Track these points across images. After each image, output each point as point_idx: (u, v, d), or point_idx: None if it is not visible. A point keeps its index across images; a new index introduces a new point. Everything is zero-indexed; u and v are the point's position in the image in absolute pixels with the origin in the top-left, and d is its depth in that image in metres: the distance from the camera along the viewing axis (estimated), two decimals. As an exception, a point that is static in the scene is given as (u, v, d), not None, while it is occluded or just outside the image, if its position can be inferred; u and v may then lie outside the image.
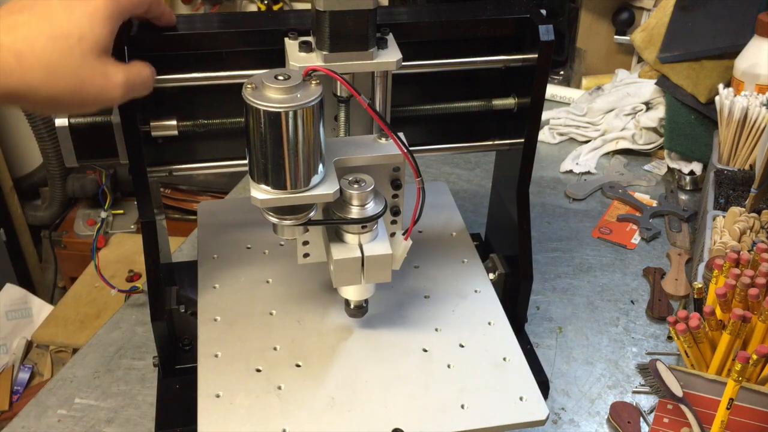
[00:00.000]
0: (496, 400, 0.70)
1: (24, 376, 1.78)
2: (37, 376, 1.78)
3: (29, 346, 1.83)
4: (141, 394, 0.88)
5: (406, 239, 0.72)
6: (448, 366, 0.73)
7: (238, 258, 0.87)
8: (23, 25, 0.54)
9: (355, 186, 0.69)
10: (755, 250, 0.82)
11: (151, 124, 0.75)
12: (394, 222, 0.78)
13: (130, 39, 0.69)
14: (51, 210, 2.32)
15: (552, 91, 1.54)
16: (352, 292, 0.73)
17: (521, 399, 0.70)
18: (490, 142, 0.86)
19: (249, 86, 0.61)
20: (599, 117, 1.42)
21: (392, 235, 0.72)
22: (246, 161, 0.65)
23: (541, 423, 0.69)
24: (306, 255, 0.77)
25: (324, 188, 0.65)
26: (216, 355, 0.74)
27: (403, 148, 0.69)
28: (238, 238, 0.89)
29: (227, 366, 0.73)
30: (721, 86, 1.19)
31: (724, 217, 1.01)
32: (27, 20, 0.55)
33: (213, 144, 0.81)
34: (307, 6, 0.69)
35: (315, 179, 0.65)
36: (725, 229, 0.98)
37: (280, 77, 0.61)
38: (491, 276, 0.87)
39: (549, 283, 1.08)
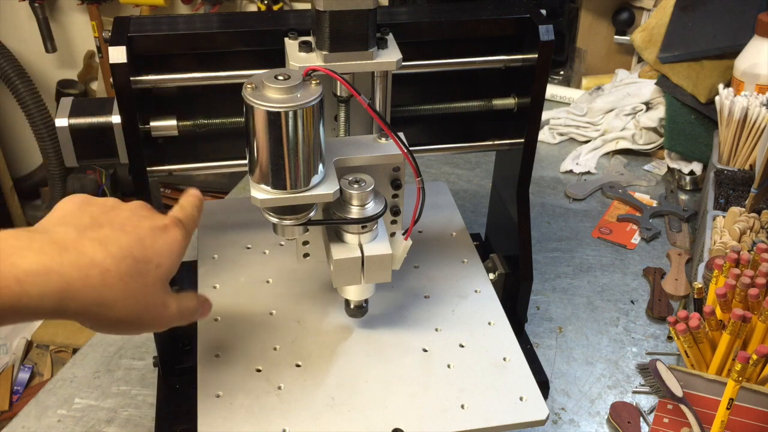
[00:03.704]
0: (496, 400, 0.70)
1: (24, 376, 1.78)
2: (37, 376, 1.79)
3: (29, 346, 1.83)
4: (141, 394, 0.88)
5: (406, 239, 0.72)
6: (448, 366, 0.73)
7: (238, 258, 0.87)
8: (113, 243, 0.53)
9: (355, 186, 0.69)
10: (755, 250, 0.82)
11: (151, 124, 0.75)
12: (394, 222, 0.78)
13: (129, 39, 0.69)
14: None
15: (552, 91, 1.54)
16: (352, 292, 0.73)
17: (521, 399, 0.70)
18: (490, 142, 0.87)
19: (249, 86, 0.61)
20: (599, 117, 1.42)
21: (392, 235, 0.72)
22: (246, 161, 0.65)
23: (541, 423, 0.69)
24: (306, 255, 0.77)
25: (324, 188, 0.65)
26: (216, 355, 0.74)
27: (403, 148, 0.69)
28: (238, 238, 0.89)
29: (227, 366, 0.73)
30: (721, 86, 1.19)
31: (724, 217, 1.01)
32: (117, 237, 0.54)
33: (213, 144, 0.81)
34: (307, 6, 0.70)
35: (315, 179, 0.65)
36: (725, 229, 0.98)
37: (280, 77, 0.61)
38: (491, 276, 0.87)
39: (549, 283, 1.08)
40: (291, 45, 0.70)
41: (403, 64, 0.71)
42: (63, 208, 0.56)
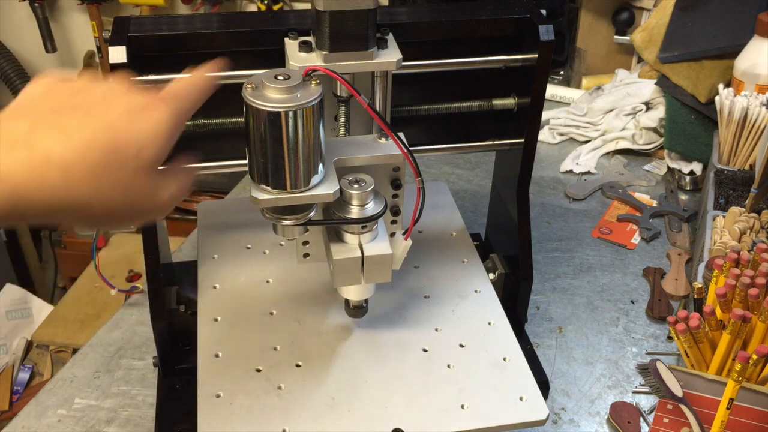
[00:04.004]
0: (496, 400, 0.70)
1: (24, 376, 1.77)
2: (37, 376, 1.78)
3: (29, 346, 1.83)
4: (141, 394, 0.88)
5: (406, 239, 0.72)
6: (448, 366, 0.73)
7: (238, 258, 0.87)
8: (76, 131, 0.46)
9: (355, 186, 0.69)
10: (755, 250, 0.82)
11: (151, 124, 0.75)
12: (394, 222, 0.78)
13: (129, 39, 0.69)
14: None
15: (552, 91, 1.54)
16: (352, 292, 0.73)
17: (521, 399, 0.70)
18: (490, 142, 0.86)
19: (249, 86, 0.61)
20: (599, 117, 1.42)
21: (392, 235, 0.72)
22: (246, 161, 0.65)
23: (541, 423, 0.69)
24: (306, 255, 0.77)
25: (324, 188, 0.65)
26: (216, 355, 0.74)
27: (403, 148, 0.69)
28: (238, 238, 0.89)
29: (227, 366, 0.73)
30: (721, 86, 1.19)
31: (724, 217, 1.01)
32: (81, 125, 0.47)
33: (213, 144, 0.81)
34: (307, 6, 0.70)
35: (315, 179, 0.65)
36: (725, 229, 0.98)
37: (280, 77, 0.61)
38: (491, 276, 0.87)
39: (549, 283, 1.08)
40: (291, 45, 0.70)
41: (403, 64, 0.71)
42: (26, 94, 0.49)
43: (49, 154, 0.44)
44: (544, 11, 0.78)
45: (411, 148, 0.69)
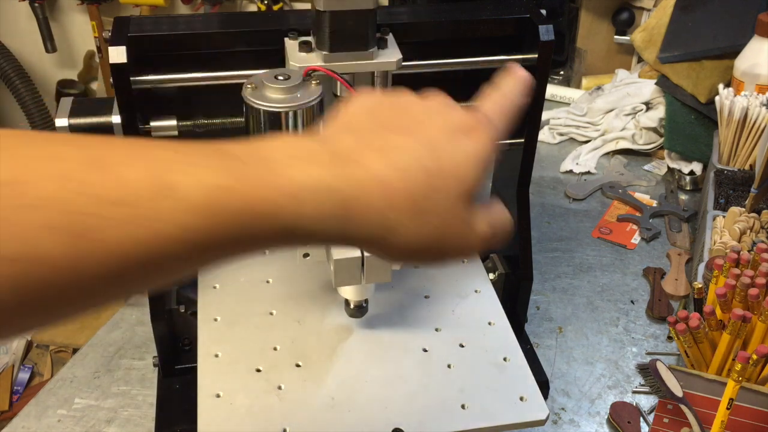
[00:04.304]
0: (496, 400, 0.70)
1: (24, 376, 1.77)
2: (37, 376, 1.78)
3: (29, 346, 1.83)
4: (141, 394, 0.88)
5: (406, 239, 0.71)
6: (448, 366, 0.73)
7: (238, 258, 0.86)
8: (399, 151, 0.42)
9: (355, 186, 0.68)
10: (755, 250, 0.82)
11: (151, 124, 0.75)
12: (394, 222, 0.78)
13: (129, 39, 0.69)
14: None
15: (552, 91, 1.54)
16: (352, 292, 0.73)
17: (521, 399, 0.70)
18: (490, 142, 0.86)
19: (249, 86, 0.61)
20: (599, 117, 1.42)
21: (392, 235, 0.72)
22: (246, 161, 0.65)
23: (541, 423, 0.69)
24: (306, 255, 0.77)
25: (324, 188, 0.65)
26: (216, 355, 0.74)
27: (403, 148, 0.69)
28: (238, 238, 0.89)
29: (227, 366, 0.73)
30: (721, 86, 1.19)
31: (724, 217, 1.01)
32: (403, 144, 0.43)
33: (213, 144, 0.81)
34: (307, 6, 0.70)
35: (315, 179, 0.65)
36: (725, 229, 0.98)
37: (280, 77, 0.61)
38: (491, 276, 0.87)
39: (549, 283, 1.08)
40: (291, 45, 0.70)
41: (403, 64, 0.71)
42: (349, 111, 0.46)
43: (375, 173, 0.41)
44: (544, 11, 0.78)
45: (411, 148, 0.69)
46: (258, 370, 0.72)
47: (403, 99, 0.47)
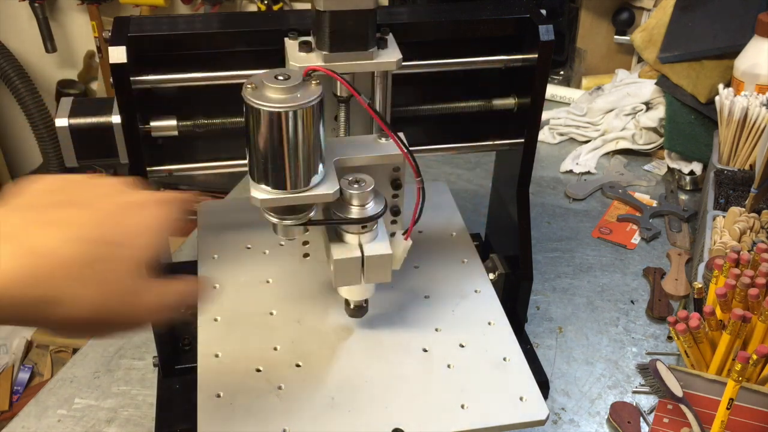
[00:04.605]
0: (496, 400, 0.70)
1: (24, 376, 1.77)
2: (37, 376, 1.78)
3: (29, 346, 1.83)
4: (141, 394, 0.88)
5: (406, 239, 0.72)
6: (448, 366, 0.73)
7: (238, 258, 0.87)
8: (69, 225, 0.45)
9: (355, 186, 0.69)
10: (755, 250, 0.82)
11: (151, 124, 0.75)
12: (394, 222, 0.78)
13: (129, 39, 0.69)
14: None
15: (552, 91, 1.54)
16: (352, 292, 0.73)
17: (521, 399, 0.70)
18: (490, 142, 0.86)
19: (249, 86, 0.61)
20: (599, 117, 1.42)
21: (392, 235, 0.72)
22: (246, 161, 0.65)
23: (541, 423, 0.69)
24: (306, 255, 0.77)
25: (324, 188, 0.65)
26: (216, 355, 0.74)
27: (403, 148, 0.69)
28: (238, 238, 0.89)
29: (227, 366, 0.73)
30: (721, 86, 1.19)
31: (724, 217, 1.01)
32: (75, 217, 0.46)
33: (213, 144, 0.81)
34: (307, 6, 0.70)
35: (315, 179, 0.65)
36: (725, 229, 0.98)
37: (280, 77, 0.61)
38: (491, 276, 0.87)
39: (549, 283, 1.08)
40: (291, 45, 0.70)
41: (403, 64, 0.71)
42: (26, 191, 0.48)
43: (43, 248, 0.43)
44: (544, 11, 0.78)
45: (411, 148, 0.69)
46: (258, 370, 0.72)
47: (80, 178, 0.50)
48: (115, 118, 0.72)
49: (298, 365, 0.73)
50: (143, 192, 0.51)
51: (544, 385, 0.83)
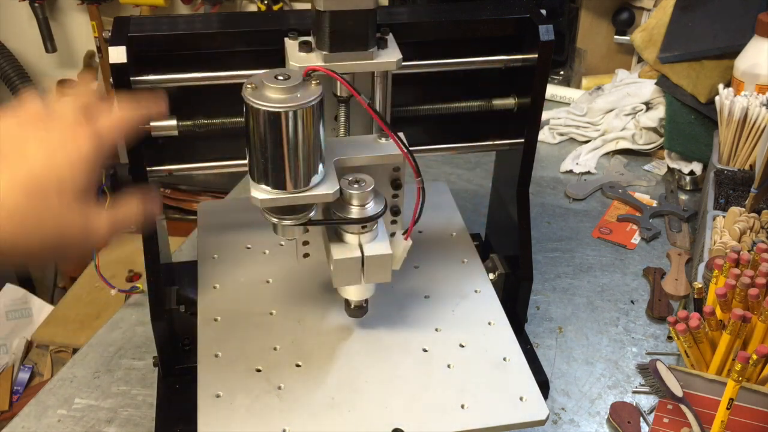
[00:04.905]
0: (496, 400, 0.70)
1: (24, 376, 1.77)
2: (37, 376, 1.78)
3: (29, 346, 1.83)
4: (141, 394, 0.88)
5: (406, 239, 0.72)
6: (448, 366, 0.73)
7: (238, 258, 0.87)
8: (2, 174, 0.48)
9: (355, 186, 0.69)
10: (755, 250, 0.82)
11: (151, 124, 0.75)
12: (394, 222, 0.78)
13: (130, 39, 0.69)
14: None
15: (552, 91, 1.54)
16: (352, 292, 0.73)
17: (521, 399, 0.70)
18: (490, 142, 0.86)
19: (249, 86, 0.61)
20: (599, 117, 1.42)
21: (392, 235, 0.72)
22: (246, 161, 0.65)
23: (541, 423, 0.69)
24: (306, 255, 0.77)
25: (324, 188, 0.65)
26: (216, 355, 0.74)
27: (403, 148, 0.69)
28: (238, 238, 0.89)
29: (227, 366, 0.73)
30: (721, 86, 1.19)
31: (724, 217, 1.01)
32: (5, 168, 0.48)
33: (213, 144, 0.81)
34: (307, 6, 0.70)
35: (315, 179, 0.65)
36: (725, 229, 0.98)
37: (280, 77, 0.61)
38: (491, 276, 0.87)
39: (549, 283, 1.08)
40: (291, 45, 0.70)
41: (403, 64, 0.71)
42: None
43: None
44: (544, 11, 0.78)
45: (411, 148, 0.69)
46: (258, 370, 0.72)
47: (9, 125, 0.51)
48: (115, 118, 0.72)
49: (298, 365, 0.73)
50: (63, 126, 0.52)
51: (544, 385, 0.83)
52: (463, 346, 0.76)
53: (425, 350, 0.75)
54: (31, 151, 0.49)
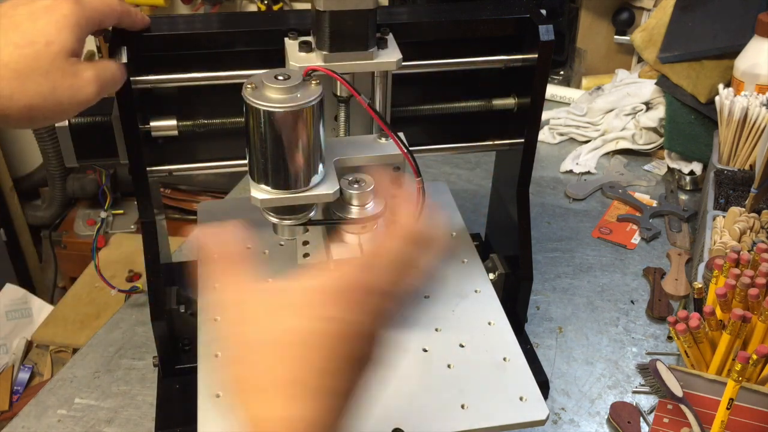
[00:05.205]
0: (496, 400, 0.70)
1: (24, 376, 1.77)
2: (37, 376, 1.78)
3: (29, 346, 1.83)
4: (141, 394, 0.88)
5: (406, 239, 0.71)
6: (448, 366, 0.73)
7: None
8: None
9: (355, 186, 0.69)
10: (755, 250, 0.82)
11: (151, 124, 0.75)
12: (394, 222, 0.78)
13: (130, 39, 0.69)
14: (51, 210, 2.32)
15: (552, 91, 1.54)
16: (352, 292, 0.73)
17: (521, 399, 0.70)
18: (490, 142, 0.86)
19: (249, 86, 0.61)
20: (599, 117, 1.42)
21: (392, 235, 0.72)
22: (246, 161, 0.65)
23: (541, 423, 0.69)
24: (306, 255, 0.77)
25: (324, 188, 0.65)
26: (216, 355, 0.74)
27: (403, 148, 0.69)
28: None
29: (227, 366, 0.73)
30: (721, 86, 1.19)
31: (724, 217, 1.01)
32: None
33: (213, 144, 0.81)
34: (307, 6, 0.70)
35: (315, 179, 0.65)
36: (725, 229, 0.98)
37: (280, 77, 0.61)
38: (491, 276, 0.87)
39: (549, 283, 1.08)
40: (291, 45, 0.70)
41: (403, 64, 0.71)
42: None
43: None
44: (544, 11, 0.78)
45: (411, 148, 0.69)
46: (258, 370, 0.72)
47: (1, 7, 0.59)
48: (115, 118, 0.72)
49: (298, 365, 0.73)
50: None
51: (544, 385, 0.83)
52: (463, 346, 0.76)
53: (425, 350, 0.75)
54: (21, 19, 0.58)
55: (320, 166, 0.65)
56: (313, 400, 0.46)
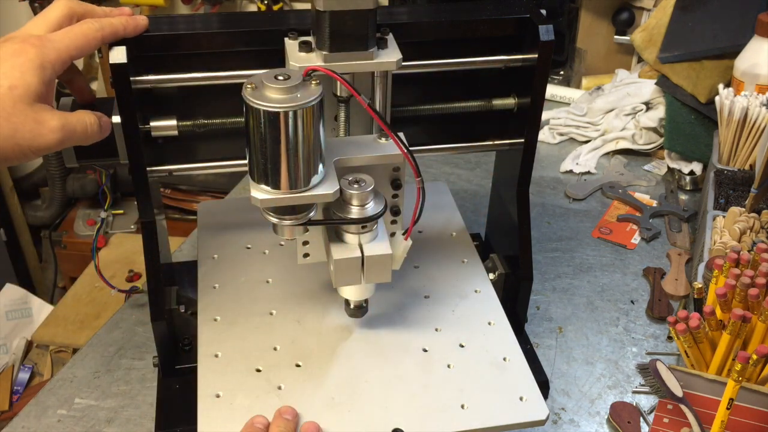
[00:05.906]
0: (496, 400, 0.70)
1: (24, 376, 1.77)
2: (37, 376, 1.78)
3: (29, 346, 1.83)
4: (141, 394, 0.88)
5: (406, 239, 0.72)
6: (448, 366, 0.73)
7: (238, 258, 0.87)
8: None
9: (355, 186, 0.69)
10: (755, 250, 0.82)
11: (151, 124, 0.76)
12: (394, 222, 0.78)
13: (130, 39, 0.69)
14: (51, 210, 2.32)
15: (552, 91, 1.54)
16: (352, 292, 0.73)
17: (521, 399, 0.70)
18: (490, 142, 0.87)
19: (249, 86, 0.61)
20: (599, 117, 1.42)
21: (392, 235, 0.72)
22: (246, 161, 0.65)
23: (541, 423, 0.69)
24: (306, 255, 0.77)
25: (324, 188, 0.65)
26: (216, 355, 0.74)
27: (403, 148, 0.69)
28: (238, 238, 0.89)
29: (227, 366, 0.73)
30: (721, 86, 1.19)
31: (724, 217, 1.01)
32: None
33: (213, 144, 0.81)
34: (307, 6, 0.70)
35: (315, 179, 0.65)
36: (725, 229, 0.98)
37: (280, 77, 0.61)
38: (491, 276, 0.87)
39: (549, 283, 1.08)
40: (291, 45, 0.70)
41: (403, 64, 0.71)
42: None
43: None
44: (544, 11, 0.78)
45: (411, 148, 0.69)
46: (258, 370, 0.72)
47: None
48: (115, 118, 0.72)
49: (298, 365, 0.73)
50: (20, 42, 0.61)
51: (544, 385, 0.83)
52: (463, 346, 0.76)
53: (425, 350, 0.75)
54: None
55: (320, 166, 0.65)
56: None
